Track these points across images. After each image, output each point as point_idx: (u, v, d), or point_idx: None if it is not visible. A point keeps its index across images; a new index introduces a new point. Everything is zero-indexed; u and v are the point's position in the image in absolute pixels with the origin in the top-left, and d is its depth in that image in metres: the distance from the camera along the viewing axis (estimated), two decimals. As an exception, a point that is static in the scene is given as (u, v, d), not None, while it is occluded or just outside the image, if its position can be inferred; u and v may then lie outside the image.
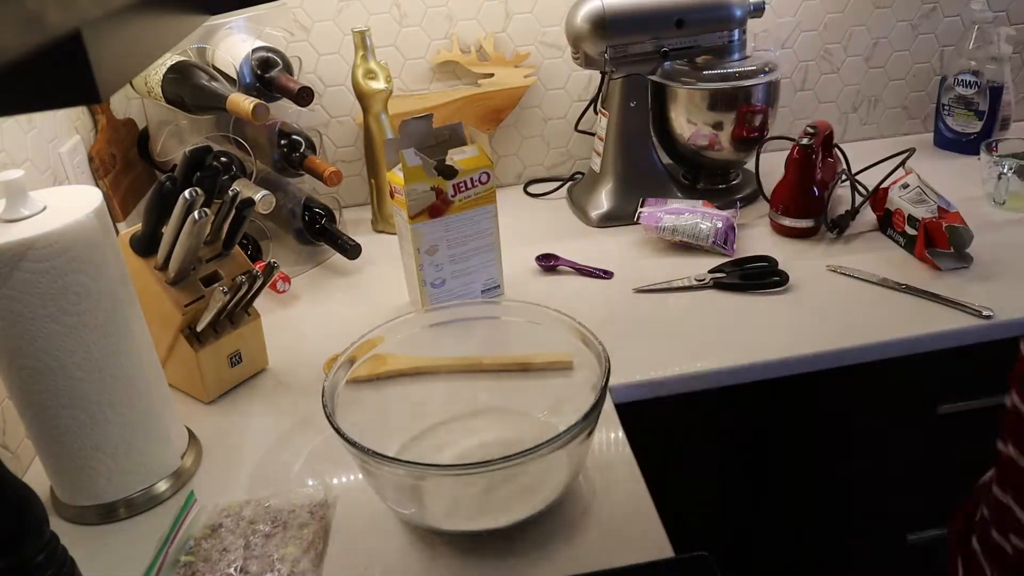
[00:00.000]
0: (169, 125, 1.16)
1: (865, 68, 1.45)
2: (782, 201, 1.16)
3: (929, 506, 1.13)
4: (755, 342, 0.94)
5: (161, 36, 0.42)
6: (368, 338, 0.80)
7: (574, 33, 1.19)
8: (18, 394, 0.71)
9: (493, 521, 0.70)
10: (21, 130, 0.94)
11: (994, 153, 1.20)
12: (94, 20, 0.29)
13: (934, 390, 1.02)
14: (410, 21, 1.31)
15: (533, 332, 0.82)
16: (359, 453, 0.66)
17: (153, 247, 0.86)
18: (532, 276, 1.13)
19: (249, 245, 1.15)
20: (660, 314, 1.01)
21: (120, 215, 1.10)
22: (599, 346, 0.74)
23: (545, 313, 0.80)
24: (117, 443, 0.75)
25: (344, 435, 0.66)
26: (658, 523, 0.71)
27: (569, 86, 1.39)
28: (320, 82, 1.32)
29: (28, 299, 0.67)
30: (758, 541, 1.10)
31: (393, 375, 0.84)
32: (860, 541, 1.14)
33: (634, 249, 1.18)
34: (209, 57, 1.12)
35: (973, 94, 1.35)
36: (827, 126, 1.20)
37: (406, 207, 0.96)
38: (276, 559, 0.69)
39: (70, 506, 0.77)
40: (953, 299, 0.97)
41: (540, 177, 1.45)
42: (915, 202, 1.09)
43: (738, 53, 1.22)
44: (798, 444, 1.02)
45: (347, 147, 1.38)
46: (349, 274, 1.19)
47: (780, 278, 1.04)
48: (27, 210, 0.69)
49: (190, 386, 0.92)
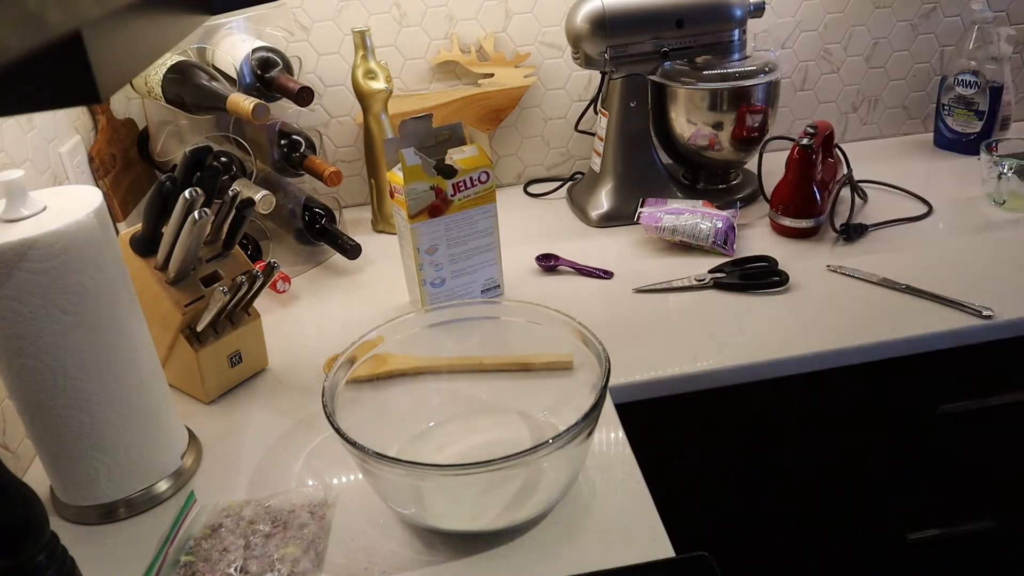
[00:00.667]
0: (169, 125, 1.16)
1: (865, 68, 1.45)
2: (782, 201, 1.16)
3: (929, 506, 1.13)
4: (755, 342, 0.94)
5: (161, 36, 0.42)
6: (368, 338, 0.80)
7: (574, 33, 1.19)
8: (18, 394, 0.71)
9: (493, 521, 0.70)
10: (21, 130, 0.94)
11: (994, 153, 1.20)
12: (94, 20, 0.29)
13: (934, 390, 1.02)
14: (410, 21, 1.31)
15: (533, 332, 0.82)
16: (359, 453, 0.66)
17: (153, 247, 0.86)
18: (532, 276, 1.13)
19: (249, 245, 1.15)
20: (660, 314, 1.01)
21: (120, 215, 1.10)
22: (599, 346, 0.74)
23: (545, 313, 0.80)
24: (117, 443, 0.75)
25: (344, 435, 0.66)
26: (658, 523, 0.71)
27: (569, 86, 1.39)
28: (320, 82, 1.32)
29: (28, 299, 0.67)
30: (758, 541, 1.10)
31: (393, 375, 0.84)
32: (860, 541, 1.14)
33: (634, 249, 1.18)
34: (209, 57, 1.12)
35: (973, 94, 1.35)
36: (827, 126, 1.20)
37: (406, 207, 0.96)
38: (276, 559, 0.69)
39: (70, 506, 0.77)
40: (953, 299, 0.97)
41: (540, 177, 1.45)
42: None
43: (738, 53, 1.22)
44: (798, 444, 1.02)
45: (347, 147, 1.38)
46: (349, 274, 1.19)
47: (780, 278, 1.04)
48: (27, 210, 0.69)
49: (190, 386, 0.92)
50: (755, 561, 1.12)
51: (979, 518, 1.14)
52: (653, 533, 0.70)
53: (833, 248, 1.13)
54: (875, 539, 1.14)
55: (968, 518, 1.14)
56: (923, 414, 1.03)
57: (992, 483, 1.12)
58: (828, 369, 0.93)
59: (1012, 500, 1.14)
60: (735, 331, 0.96)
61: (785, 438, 1.02)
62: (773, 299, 1.02)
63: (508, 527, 0.70)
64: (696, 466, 1.02)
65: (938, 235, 1.14)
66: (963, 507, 1.14)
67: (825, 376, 0.95)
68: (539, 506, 0.71)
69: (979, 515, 1.14)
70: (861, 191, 1.27)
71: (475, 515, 0.70)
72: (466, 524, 0.71)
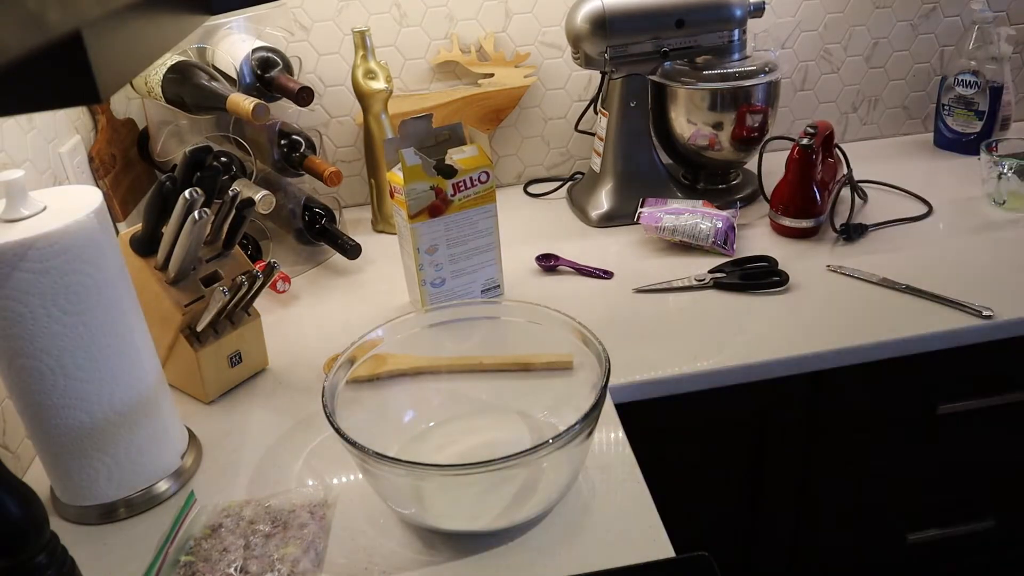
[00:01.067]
0: (169, 125, 1.16)
1: (865, 68, 1.45)
2: (782, 201, 1.16)
3: (929, 506, 1.13)
4: (755, 342, 0.94)
5: (161, 36, 0.42)
6: (368, 338, 0.80)
7: (574, 33, 1.19)
8: (18, 394, 0.71)
9: (493, 522, 0.70)
10: (21, 130, 0.94)
11: (994, 153, 1.20)
12: (94, 20, 0.29)
13: (934, 390, 1.02)
14: (410, 21, 1.31)
15: (533, 332, 0.82)
16: (359, 453, 0.66)
17: (153, 247, 0.86)
18: (532, 276, 1.13)
19: (249, 245, 1.15)
20: (660, 314, 1.01)
21: (120, 215, 1.10)
22: (599, 346, 0.74)
23: (545, 313, 0.80)
24: (117, 443, 0.75)
25: (344, 435, 0.66)
26: (658, 523, 0.71)
27: (569, 86, 1.39)
28: (320, 82, 1.32)
29: (28, 299, 0.67)
30: (758, 541, 1.10)
31: (393, 375, 0.84)
32: (860, 541, 1.14)
33: (634, 249, 1.18)
34: (209, 57, 1.12)
35: (973, 94, 1.35)
36: (827, 126, 1.20)
37: (406, 207, 0.96)
38: (276, 559, 0.69)
39: (70, 506, 0.77)
40: (953, 299, 0.97)
41: (540, 177, 1.45)
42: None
43: (738, 53, 1.22)
44: (798, 444, 1.02)
45: (347, 147, 1.38)
46: (349, 274, 1.19)
47: (780, 278, 1.04)
48: (27, 210, 0.69)
49: (190, 386, 0.92)
50: (755, 561, 1.12)
51: (979, 518, 1.14)
52: (653, 533, 0.70)
53: (833, 248, 1.13)
54: (875, 539, 1.14)
55: (968, 518, 1.14)
56: (923, 414, 1.03)
57: (992, 483, 1.12)
58: (828, 369, 0.93)
59: (1012, 500, 1.14)
60: (735, 331, 0.96)
61: (785, 438, 1.02)
62: (773, 299, 1.02)
63: (508, 527, 0.70)
64: (696, 466, 1.02)
65: (938, 235, 1.14)
66: (963, 507, 1.14)
67: (825, 376, 0.95)
68: (539, 506, 0.71)
69: (979, 515, 1.14)
70: (861, 191, 1.27)
71: (475, 515, 0.70)
72: (466, 524, 0.71)
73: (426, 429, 0.83)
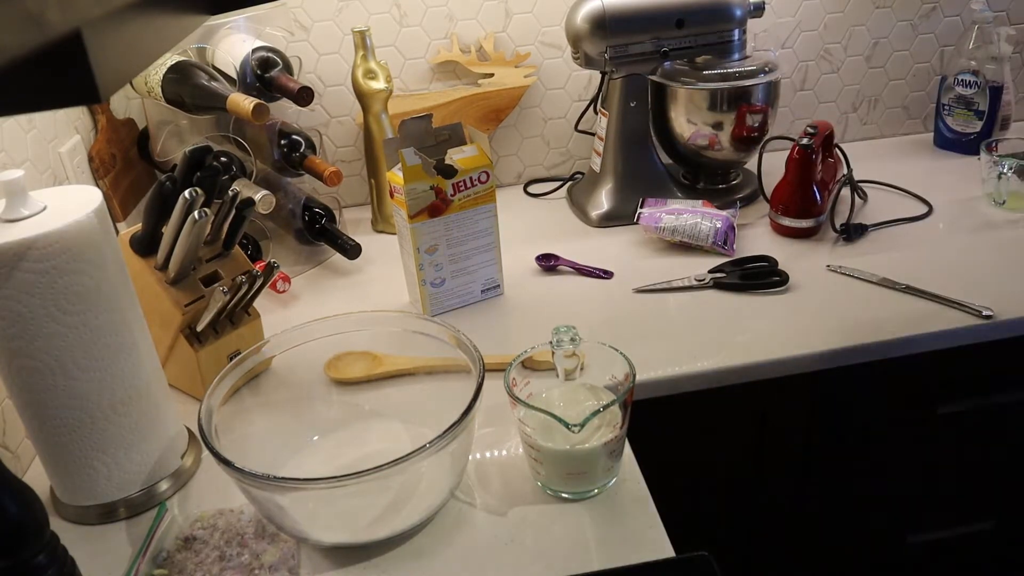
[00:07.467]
0: (169, 125, 1.16)
1: (865, 68, 1.45)
2: (782, 201, 1.16)
3: (929, 506, 1.13)
4: (755, 342, 0.94)
5: (161, 36, 0.41)
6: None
7: (574, 33, 1.19)
8: (18, 394, 0.71)
9: (374, 532, 0.69)
10: (21, 130, 0.94)
11: (994, 153, 1.20)
12: (94, 20, 0.29)
13: (934, 390, 1.02)
14: (410, 21, 1.31)
15: (417, 341, 0.82)
16: (238, 474, 0.65)
17: (153, 247, 0.86)
18: (532, 276, 1.13)
19: (249, 245, 1.15)
20: (660, 314, 1.01)
21: (120, 215, 1.10)
22: (473, 349, 0.74)
23: (422, 323, 0.81)
24: (117, 443, 0.75)
25: (221, 456, 0.65)
26: (658, 523, 0.71)
27: (569, 86, 1.39)
28: (320, 82, 1.32)
29: (28, 299, 0.67)
30: (758, 541, 1.10)
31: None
32: (860, 541, 1.14)
33: (634, 249, 1.18)
34: (209, 57, 1.12)
35: (973, 94, 1.35)
36: (827, 126, 1.20)
37: (406, 207, 0.96)
38: (254, 568, 0.68)
39: (70, 506, 0.77)
40: (953, 299, 0.97)
41: (540, 177, 1.45)
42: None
43: (738, 53, 1.22)
44: (798, 444, 1.02)
45: (347, 147, 1.38)
46: (349, 274, 1.19)
47: (780, 278, 1.04)
48: (27, 210, 0.69)
49: (190, 386, 0.92)
50: (755, 561, 1.12)
51: (979, 518, 1.14)
52: (653, 533, 0.70)
53: (833, 248, 1.13)
54: (875, 539, 1.14)
55: (968, 518, 1.14)
56: (923, 414, 1.03)
57: (992, 483, 1.12)
58: (828, 369, 0.93)
59: (1012, 500, 1.14)
60: (735, 331, 0.96)
61: (785, 438, 1.02)
62: (773, 299, 1.02)
63: (402, 533, 0.70)
64: (696, 466, 1.02)
65: (938, 235, 1.14)
66: (963, 507, 1.14)
67: (825, 376, 0.95)
68: (419, 513, 0.70)
69: (979, 515, 1.14)
70: (861, 191, 1.27)
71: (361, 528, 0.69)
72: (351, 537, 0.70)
73: (312, 443, 0.83)
